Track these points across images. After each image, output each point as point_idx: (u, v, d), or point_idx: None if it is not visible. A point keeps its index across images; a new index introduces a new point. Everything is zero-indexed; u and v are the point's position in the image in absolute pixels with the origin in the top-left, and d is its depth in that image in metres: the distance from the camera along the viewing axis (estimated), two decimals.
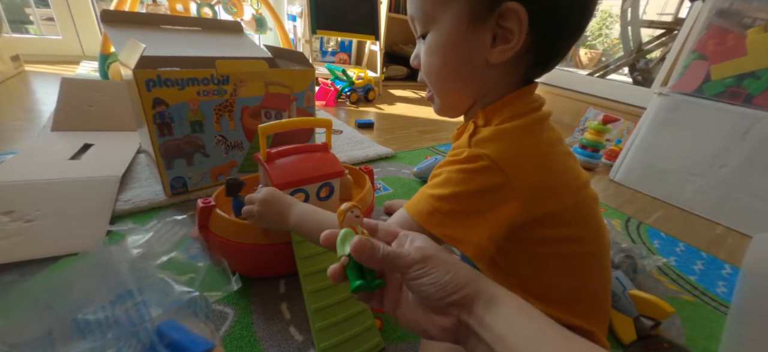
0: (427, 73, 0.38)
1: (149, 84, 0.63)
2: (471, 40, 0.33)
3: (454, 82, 0.37)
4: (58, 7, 1.70)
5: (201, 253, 0.52)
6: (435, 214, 0.33)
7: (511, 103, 0.35)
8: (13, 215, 0.59)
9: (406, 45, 2.62)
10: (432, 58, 0.36)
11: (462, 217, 0.32)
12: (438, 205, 0.33)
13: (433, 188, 0.34)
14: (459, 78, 0.36)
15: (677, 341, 0.55)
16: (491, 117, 0.35)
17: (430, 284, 0.25)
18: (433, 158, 0.97)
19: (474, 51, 0.33)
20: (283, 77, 0.80)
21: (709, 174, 0.98)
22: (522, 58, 0.33)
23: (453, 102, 0.39)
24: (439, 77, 0.37)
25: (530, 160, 0.33)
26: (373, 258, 0.26)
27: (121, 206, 0.67)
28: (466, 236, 0.32)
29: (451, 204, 0.33)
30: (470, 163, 0.32)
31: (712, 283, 0.70)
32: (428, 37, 0.36)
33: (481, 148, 0.33)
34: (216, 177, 0.78)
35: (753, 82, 0.92)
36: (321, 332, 0.44)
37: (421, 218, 0.33)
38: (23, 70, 1.52)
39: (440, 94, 0.39)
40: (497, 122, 0.34)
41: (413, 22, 0.37)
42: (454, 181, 0.33)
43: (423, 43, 0.37)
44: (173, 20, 0.90)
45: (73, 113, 0.96)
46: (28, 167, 0.74)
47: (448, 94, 0.38)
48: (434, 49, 0.35)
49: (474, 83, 0.36)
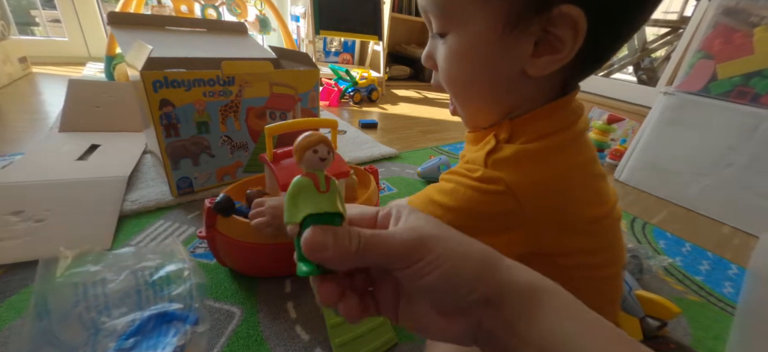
0: (447, 82, 0.32)
1: (156, 85, 0.63)
2: (506, 48, 0.27)
3: (481, 95, 0.31)
4: (64, 9, 1.71)
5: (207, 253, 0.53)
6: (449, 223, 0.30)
7: (544, 117, 0.30)
8: (23, 215, 0.60)
9: (409, 45, 2.62)
10: (454, 66, 0.31)
11: (464, 230, 0.29)
12: (440, 213, 0.31)
13: (440, 194, 0.32)
14: (488, 92, 0.31)
15: (683, 341, 0.55)
16: (518, 132, 0.30)
17: (435, 282, 0.17)
18: (437, 158, 0.98)
19: (508, 61, 0.28)
20: (288, 78, 0.80)
21: (716, 174, 0.97)
22: (566, 66, 0.27)
23: (480, 116, 0.34)
24: (462, 90, 0.32)
25: (551, 190, 0.29)
26: (344, 255, 0.17)
27: (129, 206, 0.68)
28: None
29: (454, 217, 0.30)
30: (483, 184, 0.29)
31: (719, 283, 0.70)
32: (449, 40, 0.30)
33: (499, 170, 0.29)
34: (222, 177, 0.79)
35: (760, 81, 0.91)
36: (335, 328, 0.44)
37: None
38: (30, 72, 1.54)
39: (465, 107, 0.34)
40: (523, 140, 0.30)
41: (427, 14, 0.31)
42: (462, 196, 0.30)
43: (440, 43, 0.31)
44: (178, 21, 0.91)
45: (80, 114, 0.97)
46: (36, 168, 0.75)
47: (474, 109, 0.34)
48: (457, 57, 0.30)
49: (506, 97, 0.31)
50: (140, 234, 0.63)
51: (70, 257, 0.42)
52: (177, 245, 0.44)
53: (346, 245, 0.17)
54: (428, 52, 0.34)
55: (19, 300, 0.47)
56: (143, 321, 0.39)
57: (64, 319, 0.38)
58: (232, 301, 0.51)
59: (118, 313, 0.40)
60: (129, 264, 0.43)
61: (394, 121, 1.52)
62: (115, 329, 0.38)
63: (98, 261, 0.43)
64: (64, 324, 0.37)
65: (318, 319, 0.50)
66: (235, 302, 0.51)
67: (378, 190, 0.68)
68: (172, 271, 0.43)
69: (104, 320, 0.39)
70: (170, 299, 0.41)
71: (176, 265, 0.44)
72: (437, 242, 0.18)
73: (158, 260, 0.44)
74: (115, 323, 0.38)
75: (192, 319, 0.39)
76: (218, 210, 0.49)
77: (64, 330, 0.37)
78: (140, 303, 0.41)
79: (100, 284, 0.41)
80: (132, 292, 0.41)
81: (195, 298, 0.40)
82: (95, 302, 0.40)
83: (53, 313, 0.38)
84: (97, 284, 0.41)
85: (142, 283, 0.42)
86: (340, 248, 0.17)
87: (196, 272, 0.42)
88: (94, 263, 0.42)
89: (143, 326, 0.39)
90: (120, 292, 0.41)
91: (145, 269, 0.43)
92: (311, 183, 0.19)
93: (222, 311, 0.49)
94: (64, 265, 0.41)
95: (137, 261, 0.44)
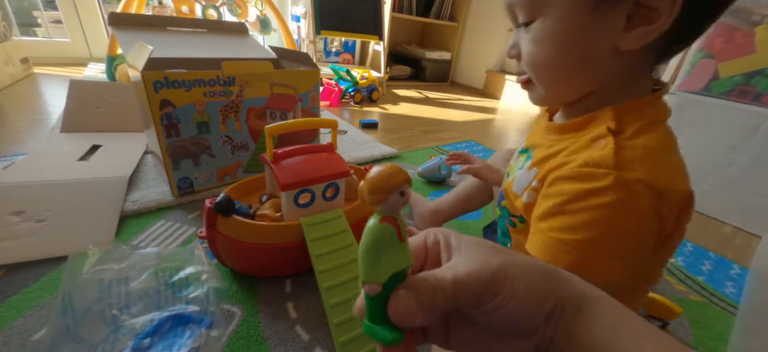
0: (532, 65, 0.33)
1: (157, 85, 0.63)
2: (596, 25, 0.28)
3: (568, 74, 0.31)
4: (65, 10, 1.72)
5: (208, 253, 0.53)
6: (596, 261, 0.28)
7: (648, 106, 0.30)
8: (24, 215, 0.60)
9: (409, 45, 2.62)
10: (542, 48, 0.31)
11: (623, 253, 0.28)
12: (587, 251, 0.28)
13: (573, 232, 0.28)
14: (576, 69, 0.31)
15: (685, 341, 0.54)
16: (625, 121, 0.29)
17: (512, 313, 0.16)
18: (438, 158, 0.97)
19: (599, 37, 0.28)
20: (288, 78, 0.80)
21: (717, 173, 0.97)
22: (658, 40, 0.27)
23: (562, 94, 0.34)
24: (549, 70, 0.32)
25: (679, 181, 0.28)
26: (433, 315, 0.16)
27: (129, 207, 0.68)
28: (625, 269, 0.28)
29: (604, 249, 0.28)
30: (624, 194, 0.26)
31: (721, 283, 0.69)
32: (536, 25, 0.30)
33: (633, 171, 0.27)
34: (222, 177, 0.79)
35: (762, 80, 0.91)
36: (339, 327, 0.44)
37: (578, 268, 0.25)
38: (32, 73, 1.54)
39: (548, 85, 0.33)
40: (634, 130, 0.29)
41: (512, 9, 0.32)
42: (605, 220, 0.27)
43: (525, 33, 0.32)
44: (179, 22, 0.91)
45: (82, 115, 0.98)
46: (38, 168, 0.75)
47: (559, 87, 0.33)
48: (546, 39, 0.30)
49: (594, 74, 0.31)
50: (141, 234, 0.63)
51: (98, 254, 0.43)
52: (198, 248, 0.45)
53: (434, 304, 0.15)
54: (514, 43, 0.34)
55: (19, 300, 0.48)
56: (161, 321, 0.40)
57: (87, 314, 0.39)
58: (233, 301, 0.51)
59: (137, 311, 0.41)
60: (151, 264, 0.44)
61: (394, 121, 1.52)
62: (133, 327, 0.39)
63: (123, 259, 0.44)
64: (86, 320, 0.39)
65: (318, 319, 0.50)
66: (235, 302, 0.51)
67: None
68: (191, 273, 0.44)
69: (124, 317, 0.40)
70: (188, 301, 0.42)
71: (195, 267, 0.44)
72: (507, 270, 0.16)
73: (178, 261, 0.45)
74: (134, 321, 0.39)
75: (207, 322, 0.40)
76: (219, 210, 0.49)
77: (86, 326, 0.38)
78: (159, 303, 0.42)
79: (123, 281, 0.42)
80: (152, 292, 0.43)
81: (211, 301, 0.41)
82: (117, 300, 0.41)
83: (78, 308, 0.39)
84: (121, 282, 0.42)
85: (162, 283, 0.43)
86: (429, 310, 0.15)
87: (214, 275, 0.43)
88: (118, 260, 0.43)
89: (161, 326, 0.40)
90: (141, 291, 0.42)
91: (166, 270, 0.44)
92: (394, 232, 0.15)
93: (222, 311, 0.49)
94: (92, 261, 0.42)
95: (159, 261, 0.45)
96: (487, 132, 1.54)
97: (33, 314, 0.46)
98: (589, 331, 0.17)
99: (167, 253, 0.46)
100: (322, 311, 0.50)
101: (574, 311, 0.17)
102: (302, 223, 0.51)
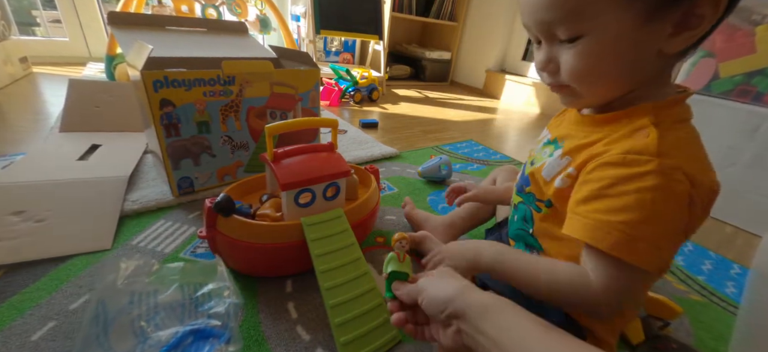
0: (579, 78, 0.33)
1: (156, 85, 0.63)
2: (646, 36, 0.29)
3: (615, 80, 0.33)
4: (64, 10, 1.71)
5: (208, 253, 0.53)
6: (637, 243, 0.29)
7: (679, 103, 0.33)
8: (24, 215, 0.60)
9: (409, 44, 2.62)
10: (592, 63, 0.32)
11: (663, 238, 0.30)
12: (628, 232, 0.29)
13: (618, 213, 0.30)
14: (622, 75, 0.33)
15: (686, 341, 0.54)
16: (662, 116, 0.32)
17: (427, 306, 0.34)
18: (438, 158, 0.97)
19: (647, 45, 0.30)
20: (288, 77, 0.80)
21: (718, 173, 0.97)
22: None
23: (605, 96, 0.35)
24: (596, 80, 0.33)
25: (709, 172, 0.31)
26: (407, 297, 0.37)
27: (129, 206, 0.68)
28: (668, 259, 0.31)
29: (645, 230, 0.29)
30: (665, 179, 0.29)
31: (721, 283, 0.69)
32: (584, 42, 0.31)
33: (673, 158, 0.29)
34: (222, 177, 0.79)
35: (762, 79, 0.91)
36: (340, 327, 0.44)
37: (619, 250, 0.30)
38: (31, 72, 1.54)
39: (592, 91, 0.35)
40: (670, 123, 0.31)
41: (549, 28, 0.32)
42: (648, 202, 0.29)
43: (567, 48, 0.32)
44: (179, 21, 0.90)
45: (81, 114, 0.97)
46: (37, 168, 0.75)
47: (603, 92, 0.35)
48: (596, 56, 0.31)
49: (637, 77, 0.33)
50: (141, 234, 0.62)
51: (132, 265, 0.45)
52: (220, 264, 0.47)
53: (406, 292, 0.38)
54: (549, 57, 0.35)
55: (19, 300, 0.47)
56: (184, 334, 0.41)
57: (116, 324, 0.41)
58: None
59: (162, 323, 0.43)
60: (177, 278, 0.47)
61: (394, 120, 1.52)
62: (160, 339, 0.41)
63: (152, 273, 0.46)
64: (116, 328, 0.41)
65: (319, 319, 0.50)
66: None
67: (378, 189, 0.68)
68: (213, 289, 0.46)
69: (151, 329, 0.42)
70: (209, 315, 0.44)
71: (217, 283, 0.46)
72: (426, 285, 0.36)
73: (202, 276, 0.47)
74: (160, 334, 0.41)
75: (226, 337, 0.41)
76: (219, 210, 0.49)
77: (115, 334, 0.40)
78: (183, 317, 0.44)
79: (152, 294, 0.45)
80: (177, 305, 0.45)
81: (231, 317, 0.42)
82: (146, 311, 0.43)
83: (109, 317, 0.41)
84: (150, 294, 0.45)
85: (186, 297, 0.46)
86: (405, 293, 0.38)
87: (235, 292, 0.44)
88: (148, 274, 0.46)
89: (183, 339, 0.41)
90: (167, 304, 0.44)
91: (191, 284, 0.47)
92: (395, 257, 0.41)
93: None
94: (124, 274, 0.44)
95: (184, 276, 0.47)
96: (487, 132, 1.54)
97: (32, 314, 0.46)
98: (486, 331, 0.29)
99: (192, 268, 0.48)
100: (323, 311, 0.50)
101: (478, 314, 0.30)
102: (303, 223, 0.51)
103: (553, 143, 0.41)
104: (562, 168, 0.37)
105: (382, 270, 0.39)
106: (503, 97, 2.29)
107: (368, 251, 0.65)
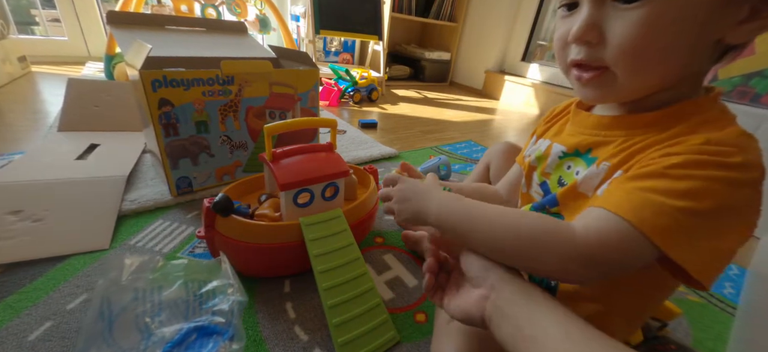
0: (630, 53, 0.27)
1: (155, 84, 0.63)
2: (721, 12, 0.25)
3: (665, 64, 0.28)
4: (63, 9, 1.71)
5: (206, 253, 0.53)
6: (685, 234, 0.25)
7: (716, 104, 0.29)
8: (21, 214, 0.60)
9: (409, 45, 2.62)
10: (652, 35, 0.26)
11: (714, 238, 0.25)
12: (684, 221, 0.25)
13: (680, 198, 0.25)
14: (675, 61, 0.27)
15: (684, 342, 0.54)
16: (720, 115, 0.28)
17: (470, 262, 0.32)
18: (437, 158, 0.97)
19: (716, 26, 0.26)
20: (288, 77, 0.80)
21: None
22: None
23: (646, 87, 0.30)
24: (648, 59, 0.27)
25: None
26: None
27: (127, 206, 0.68)
28: (713, 263, 0.26)
29: (702, 221, 0.25)
30: (749, 177, 0.25)
31: (719, 284, 0.70)
32: (649, 5, 0.25)
33: (757, 155, 0.26)
34: (221, 177, 0.79)
35: (761, 81, 0.91)
36: (338, 327, 0.44)
37: (661, 237, 0.25)
38: (30, 71, 1.54)
39: (635, 78, 0.29)
40: (730, 119, 0.28)
41: None
42: (717, 193, 0.24)
43: (622, 12, 0.27)
44: (178, 21, 0.90)
45: (80, 114, 0.97)
46: (35, 167, 0.75)
47: (647, 79, 0.29)
48: (661, 24, 0.26)
49: (687, 66, 0.28)
50: (139, 234, 0.62)
51: (137, 262, 0.45)
52: (224, 261, 0.46)
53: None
54: (593, 22, 0.28)
55: (16, 300, 0.47)
56: (188, 331, 0.41)
57: (121, 320, 0.41)
58: None
59: (167, 320, 0.42)
60: (181, 274, 0.47)
61: (393, 121, 1.52)
62: (164, 336, 0.41)
63: (156, 269, 0.46)
64: (120, 325, 0.40)
65: (317, 319, 0.50)
66: None
67: (377, 190, 0.68)
68: (217, 286, 0.46)
69: (155, 325, 0.42)
70: (213, 312, 0.44)
71: (221, 280, 0.46)
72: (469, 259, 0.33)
73: (206, 273, 0.47)
74: (165, 330, 0.41)
75: (229, 334, 0.41)
76: (217, 210, 0.49)
77: (119, 330, 0.40)
78: (187, 313, 0.44)
79: (156, 290, 0.44)
80: (181, 302, 0.45)
81: (235, 315, 0.42)
82: (150, 308, 0.43)
83: (114, 313, 0.41)
84: (154, 291, 0.44)
85: (190, 294, 0.45)
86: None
87: (239, 289, 0.44)
88: (152, 270, 0.46)
89: (188, 335, 0.41)
90: (171, 301, 0.44)
91: (195, 281, 0.46)
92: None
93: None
94: (129, 270, 0.44)
95: (189, 273, 0.47)
96: (486, 132, 1.54)
97: (29, 314, 0.45)
98: (516, 314, 0.27)
99: (197, 265, 0.48)
100: (322, 312, 0.50)
101: (514, 292, 0.28)
102: (301, 223, 0.51)
103: (578, 155, 0.35)
104: (606, 173, 0.31)
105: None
106: (502, 97, 2.30)
107: (367, 252, 0.65)
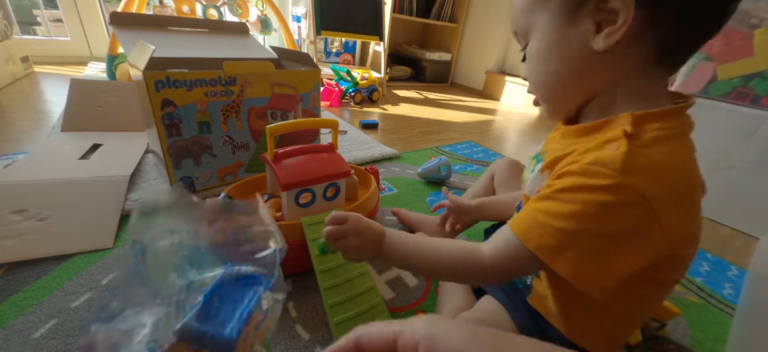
0: (532, 80, 0.37)
1: (158, 85, 0.63)
2: (572, 34, 0.31)
3: (559, 82, 0.35)
4: (66, 9, 1.72)
5: None
6: (564, 252, 0.29)
7: (669, 118, 0.30)
8: (26, 213, 0.60)
9: (409, 45, 2.63)
10: (535, 64, 0.35)
11: (595, 257, 0.28)
12: (559, 239, 0.29)
13: (558, 219, 0.29)
14: (564, 77, 0.34)
15: (683, 342, 0.55)
16: (643, 129, 0.29)
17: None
18: (438, 159, 0.98)
19: (577, 44, 0.31)
20: (289, 78, 0.81)
21: (715, 175, 0.97)
22: (636, 40, 0.29)
23: (564, 104, 0.37)
24: (544, 81, 0.36)
25: (685, 203, 0.29)
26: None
27: (130, 206, 0.68)
28: (597, 278, 0.29)
29: (580, 241, 0.28)
30: (618, 199, 0.27)
31: (719, 285, 0.70)
32: (529, 46, 0.35)
33: (637, 180, 0.27)
34: (223, 177, 0.79)
35: (760, 82, 0.91)
36: (339, 326, 0.45)
37: (544, 253, 0.30)
38: (32, 71, 1.54)
39: (547, 98, 0.37)
40: (651, 138, 0.29)
41: (517, 37, 0.37)
42: (591, 216, 0.28)
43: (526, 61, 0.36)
44: (180, 22, 0.91)
45: (83, 114, 0.98)
46: (39, 167, 0.75)
47: (556, 97, 0.37)
48: (536, 55, 0.35)
49: (581, 79, 0.33)
50: None
51: (171, 200, 0.40)
52: (262, 206, 0.42)
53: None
54: (526, 67, 0.38)
55: (21, 298, 0.48)
56: (227, 278, 0.37)
57: (158, 264, 0.37)
58: None
59: (206, 265, 0.38)
60: (219, 217, 0.41)
61: (394, 121, 1.53)
62: (204, 282, 0.36)
63: (193, 209, 0.41)
64: (157, 270, 0.36)
65: (318, 318, 0.50)
66: None
67: (378, 190, 0.69)
68: (257, 232, 0.41)
69: (195, 271, 0.38)
70: (253, 260, 0.39)
71: (260, 227, 0.41)
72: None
73: (244, 217, 0.42)
74: (204, 276, 0.37)
75: (270, 284, 0.38)
76: None
77: (158, 276, 0.36)
78: (226, 259, 0.39)
79: (193, 233, 0.40)
80: (220, 247, 0.40)
81: (276, 265, 0.39)
82: (189, 252, 0.39)
83: (149, 258, 0.37)
84: (191, 234, 0.40)
85: (230, 239, 0.41)
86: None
87: (280, 236, 0.40)
88: (188, 212, 0.40)
89: (226, 283, 0.37)
90: (209, 246, 0.40)
91: (235, 224, 0.41)
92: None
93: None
94: (163, 213, 0.39)
95: (227, 215, 0.42)
96: (487, 133, 1.54)
97: (34, 312, 0.46)
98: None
99: (234, 206, 0.43)
100: (323, 311, 0.51)
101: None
102: (303, 223, 0.51)
103: (537, 157, 0.40)
104: (541, 183, 0.35)
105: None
106: (503, 98, 2.30)
107: None
